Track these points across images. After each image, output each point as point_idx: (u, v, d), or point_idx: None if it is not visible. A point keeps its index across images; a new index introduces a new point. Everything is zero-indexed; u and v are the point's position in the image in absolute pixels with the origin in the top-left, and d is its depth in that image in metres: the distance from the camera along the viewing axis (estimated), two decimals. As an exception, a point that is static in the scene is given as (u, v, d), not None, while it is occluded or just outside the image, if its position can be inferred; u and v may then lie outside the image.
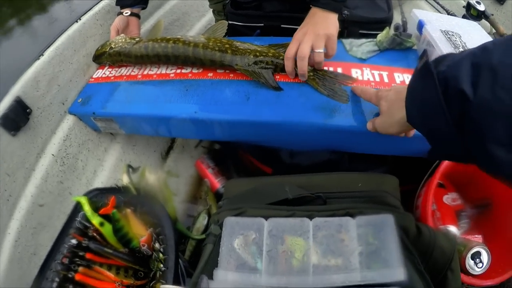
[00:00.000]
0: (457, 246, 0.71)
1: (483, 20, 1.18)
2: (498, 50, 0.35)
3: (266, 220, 0.52)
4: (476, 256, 0.72)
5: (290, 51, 0.76)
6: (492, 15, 1.18)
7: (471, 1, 1.19)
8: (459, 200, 0.92)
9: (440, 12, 1.51)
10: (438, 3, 1.50)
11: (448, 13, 1.42)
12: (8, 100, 0.79)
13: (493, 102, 0.33)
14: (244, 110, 0.76)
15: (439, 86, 0.39)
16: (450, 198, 0.91)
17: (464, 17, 1.22)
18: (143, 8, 1.07)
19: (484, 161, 0.37)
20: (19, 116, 0.80)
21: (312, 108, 0.74)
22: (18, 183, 0.79)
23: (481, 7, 1.16)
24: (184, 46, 0.85)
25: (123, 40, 0.93)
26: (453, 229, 0.83)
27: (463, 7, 1.24)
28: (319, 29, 0.75)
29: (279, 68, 0.81)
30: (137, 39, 0.93)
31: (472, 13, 1.19)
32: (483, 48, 0.37)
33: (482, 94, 0.34)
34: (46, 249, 0.72)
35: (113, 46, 0.93)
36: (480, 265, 0.71)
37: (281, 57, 0.81)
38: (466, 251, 0.73)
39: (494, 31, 1.17)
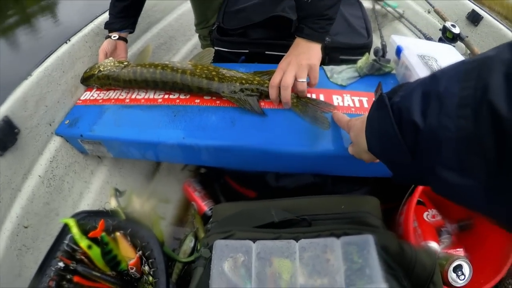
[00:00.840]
0: (439, 260, 0.74)
1: (459, 42, 1.24)
2: (444, 78, 0.36)
3: (254, 242, 0.54)
4: (458, 269, 0.74)
5: (275, 80, 0.79)
6: (467, 37, 1.23)
7: (446, 25, 1.24)
8: (439, 217, 0.94)
9: (417, 36, 1.58)
10: (415, 26, 1.56)
11: (425, 37, 1.47)
12: None
13: (440, 130, 0.34)
14: (230, 136, 0.78)
15: (394, 117, 0.41)
16: (430, 215, 0.94)
17: (440, 39, 1.28)
18: (131, 33, 1.09)
19: (437, 185, 0.38)
20: (6, 136, 0.80)
21: (296, 133, 0.77)
22: (3, 204, 0.78)
23: (456, 30, 1.22)
24: (172, 73, 0.87)
25: (112, 63, 0.95)
26: (434, 245, 0.85)
27: (439, 29, 1.29)
28: (302, 59, 0.79)
29: (264, 95, 0.84)
30: (125, 63, 0.94)
31: (447, 36, 1.24)
32: (432, 76, 0.39)
33: (430, 123, 0.36)
34: (31, 271, 0.71)
35: (101, 69, 0.94)
36: (462, 277, 0.73)
37: (265, 85, 0.83)
38: (448, 265, 0.74)
39: (469, 52, 1.22)
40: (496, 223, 0.35)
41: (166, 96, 0.91)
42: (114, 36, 1.03)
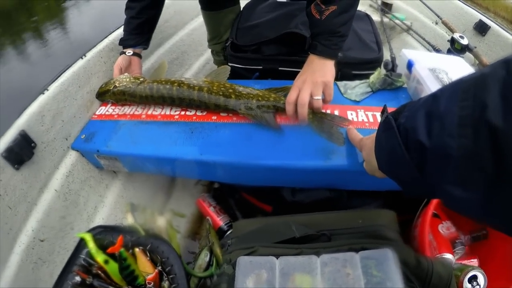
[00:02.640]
0: (454, 271, 0.74)
1: (467, 53, 1.24)
2: (444, 97, 0.38)
3: (277, 258, 0.55)
4: (473, 279, 0.73)
5: (291, 97, 0.80)
6: (475, 47, 1.24)
7: (454, 36, 1.25)
8: (453, 229, 0.94)
9: (426, 48, 1.59)
10: (424, 38, 1.57)
11: (434, 48, 1.48)
12: (12, 133, 0.79)
13: (444, 149, 0.35)
14: (247, 153, 0.79)
15: (400, 138, 0.43)
16: (444, 227, 0.93)
17: (449, 51, 1.29)
18: (145, 49, 1.11)
19: (446, 199, 0.39)
20: (23, 150, 0.81)
21: (311, 149, 0.78)
22: (19, 217, 0.79)
23: (464, 41, 1.22)
24: (189, 90, 0.88)
25: (127, 79, 0.96)
26: (449, 256, 0.85)
27: (448, 41, 1.30)
28: (317, 77, 0.80)
29: (280, 111, 0.86)
30: (141, 79, 0.96)
31: (456, 47, 1.25)
32: (434, 95, 0.40)
33: (435, 142, 0.37)
34: (46, 284, 0.72)
35: (117, 85, 0.96)
36: (478, 287, 0.74)
37: (281, 101, 0.85)
38: (463, 275, 0.74)
39: (477, 62, 1.22)
40: (502, 232, 0.36)
41: (183, 113, 0.92)
42: (129, 52, 1.05)
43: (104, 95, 0.99)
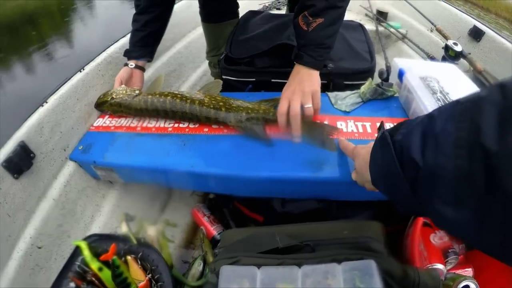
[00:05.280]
0: (446, 281, 0.74)
1: (462, 59, 1.25)
2: (441, 118, 0.38)
3: (259, 268, 0.56)
4: None
5: (283, 108, 0.81)
6: (470, 53, 1.25)
7: (448, 43, 1.26)
8: (446, 238, 0.94)
9: (421, 56, 1.60)
10: (418, 46, 1.58)
11: (428, 56, 1.50)
12: (12, 144, 0.82)
13: (437, 168, 0.36)
14: (237, 165, 0.80)
15: (395, 154, 0.44)
16: (437, 237, 0.93)
17: (443, 58, 1.30)
18: (149, 61, 1.12)
19: (437, 219, 0.40)
20: (22, 160, 0.83)
21: (301, 161, 0.79)
22: (17, 224, 0.81)
23: (458, 48, 1.23)
24: (181, 102, 0.90)
25: (124, 91, 0.98)
26: (440, 266, 0.85)
27: (442, 48, 1.31)
28: (305, 86, 0.83)
29: (269, 123, 0.87)
30: (137, 92, 0.97)
31: (450, 54, 1.26)
32: (431, 115, 0.41)
33: (428, 161, 0.38)
34: (43, 289, 0.74)
35: (114, 97, 0.98)
36: None
37: (271, 113, 0.86)
38: (455, 285, 0.73)
39: (472, 69, 1.23)
40: (486, 254, 0.36)
41: (176, 125, 0.94)
42: (131, 65, 1.07)
43: (102, 105, 1.01)
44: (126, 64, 1.07)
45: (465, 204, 0.34)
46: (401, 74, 0.95)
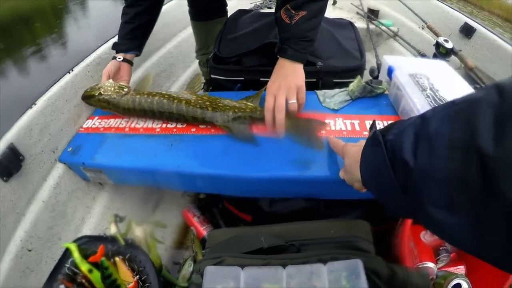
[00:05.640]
0: (437, 279, 0.74)
1: (453, 56, 1.25)
2: (435, 119, 0.38)
3: (243, 269, 0.56)
4: (457, 287, 0.74)
5: (269, 104, 0.82)
6: (460, 50, 1.26)
7: (439, 40, 1.26)
8: (437, 237, 0.94)
9: (412, 53, 1.60)
10: (409, 44, 1.58)
11: (419, 53, 1.49)
12: (1, 146, 0.81)
13: (430, 170, 0.35)
14: (224, 164, 0.80)
15: (387, 154, 0.43)
16: (427, 235, 0.93)
17: (434, 55, 1.30)
18: (137, 55, 1.11)
19: (426, 222, 0.39)
20: (11, 163, 0.83)
21: (288, 160, 0.79)
22: (8, 227, 0.81)
23: (449, 45, 1.23)
24: (168, 103, 0.89)
25: (112, 88, 0.97)
26: (430, 265, 0.85)
27: (433, 45, 1.31)
28: (290, 81, 0.84)
29: (256, 121, 0.87)
30: (125, 89, 0.96)
31: (441, 51, 1.26)
32: (423, 116, 0.40)
33: (420, 163, 0.37)
34: (33, 292, 0.74)
35: (102, 92, 0.97)
36: None
37: (257, 112, 0.86)
38: (446, 283, 0.73)
39: (463, 65, 1.24)
40: (485, 261, 0.35)
41: (164, 126, 0.93)
42: (119, 58, 1.06)
43: (89, 99, 1.00)
44: (114, 58, 1.06)
45: (458, 207, 0.33)
46: (390, 72, 0.95)
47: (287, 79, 0.84)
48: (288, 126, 0.83)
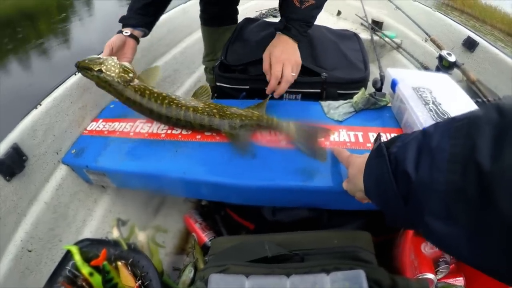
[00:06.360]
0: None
1: (455, 70, 1.26)
2: (437, 134, 0.39)
3: (247, 277, 0.56)
4: None
5: (277, 72, 0.92)
6: (463, 64, 1.27)
7: (442, 53, 1.27)
8: (436, 247, 0.95)
9: (415, 65, 1.62)
10: (412, 56, 1.60)
11: (422, 66, 1.51)
12: (5, 146, 0.82)
13: (431, 182, 0.37)
14: (229, 173, 0.81)
15: (390, 166, 0.44)
16: (428, 246, 0.93)
17: (437, 68, 1.31)
18: (145, 35, 1.06)
19: (426, 233, 0.40)
20: (15, 163, 0.83)
21: (293, 170, 0.79)
22: (8, 227, 0.81)
23: (451, 58, 1.24)
24: (177, 109, 0.88)
25: (117, 70, 0.89)
26: (430, 276, 0.85)
27: (436, 58, 1.32)
28: (296, 57, 0.95)
29: (262, 129, 0.89)
30: (130, 75, 0.90)
31: (444, 64, 1.27)
32: (426, 131, 0.42)
33: (421, 175, 0.39)
34: (33, 293, 0.74)
35: (103, 70, 0.88)
36: None
37: (264, 120, 0.88)
38: None
39: (465, 79, 1.24)
40: (482, 271, 0.36)
41: (169, 131, 0.94)
42: (126, 32, 0.99)
43: (85, 70, 0.90)
44: (120, 32, 1.00)
45: (456, 219, 0.35)
46: (394, 84, 0.96)
47: (295, 54, 0.95)
48: (292, 131, 0.85)
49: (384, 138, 0.85)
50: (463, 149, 0.34)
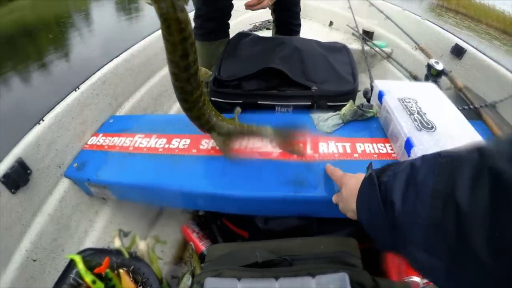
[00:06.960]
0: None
1: (443, 77, 1.30)
2: (422, 169, 0.41)
3: (240, 280, 0.60)
4: None
5: None
6: (451, 71, 1.31)
7: (430, 62, 1.30)
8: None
9: (404, 74, 1.65)
10: (401, 65, 1.64)
11: (411, 75, 1.55)
12: (10, 160, 0.85)
13: (414, 215, 0.39)
14: (223, 185, 0.84)
15: (380, 194, 0.47)
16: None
17: (426, 77, 1.34)
18: None
19: (409, 259, 0.43)
20: (20, 176, 0.86)
21: (283, 181, 0.82)
22: (14, 238, 0.84)
23: (439, 67, 1.28)
24: None
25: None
26: (416, 279, 0.88)
27: (425, 66, 1.34)
28: None
29: (245, 135, 0.92)
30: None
31: (432, 73, 1.30)
32: (414, 164, 0.43)
33: (406, 207, 0.41)
34: (37, 301, 0.76)
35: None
36: None
37: (245, 128, 0.89)
38: None
39: (453, 86, 1.29)
40: None
41: (167, 146, 0.97)
42: None
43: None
44: None
45: (437, 252, 0.37)
46: (380, 96, 0.99)
47: None
48: (272, 135, 0.87)
49: (371, 149, 0.90)
50: (445, 187, 0.36)
